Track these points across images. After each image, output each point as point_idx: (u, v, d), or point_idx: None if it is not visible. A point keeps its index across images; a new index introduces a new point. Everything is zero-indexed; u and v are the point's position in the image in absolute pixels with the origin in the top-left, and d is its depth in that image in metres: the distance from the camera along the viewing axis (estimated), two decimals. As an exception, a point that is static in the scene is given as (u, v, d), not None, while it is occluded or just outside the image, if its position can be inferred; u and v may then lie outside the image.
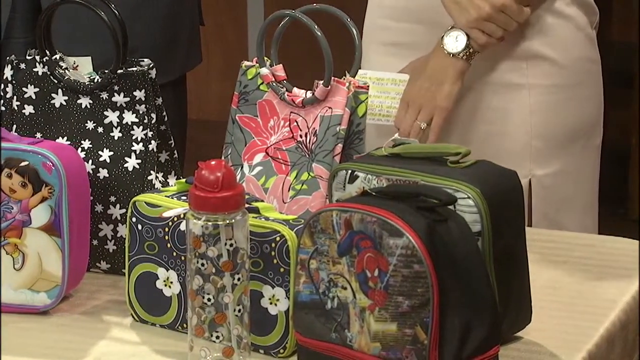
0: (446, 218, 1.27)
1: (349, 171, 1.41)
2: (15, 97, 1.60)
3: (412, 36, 1.79)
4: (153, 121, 1.57)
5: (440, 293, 1.24)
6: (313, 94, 1.54)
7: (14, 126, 1.59)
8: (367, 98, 1.52)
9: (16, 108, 1.60)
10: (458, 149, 1.36)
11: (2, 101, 1.60)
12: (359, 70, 1.54)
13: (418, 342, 1.24)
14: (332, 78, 1.52)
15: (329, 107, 1.52)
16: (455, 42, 1.72)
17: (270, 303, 1.37)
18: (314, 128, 1.53)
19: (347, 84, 1.52)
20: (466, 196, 1.32)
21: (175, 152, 1.61)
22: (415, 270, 1.24)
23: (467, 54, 1.72)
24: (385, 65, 1.77)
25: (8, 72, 1.59)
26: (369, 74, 1.71)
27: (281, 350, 1.37)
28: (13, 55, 1.60)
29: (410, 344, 1.24)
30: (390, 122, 1.74)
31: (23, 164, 1.45)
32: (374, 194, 1.30)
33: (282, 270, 1.36)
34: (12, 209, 1.45)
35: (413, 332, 1.24)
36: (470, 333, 1.25)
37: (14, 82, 1.59)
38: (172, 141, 1.61)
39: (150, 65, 1.57)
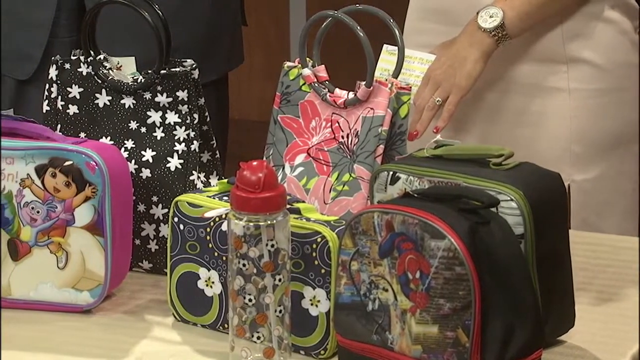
0: (488, 220, 1.25)
1: (391, 172, 1.39)
2: (60, 97, 1.59)
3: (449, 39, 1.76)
4: (195, 121, 1.55)
5: (482, 296, 1.21)
6: (355, 94, 1.52)
7: (59, 126, 1.58)
8: (409, 99, 1.50)
9: (61, 108, 1.59)
10: (501, 151, 1.34)
11: (47, 101, 1.59)
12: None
13: (460, 345, 1.22)
14: (375, 79, 1.50)
15: (371, 108, 1.50)
16: (490, 17, 1.68)
17: (311, 304, 1.35)
18: (356, 129, 1.51)
19: (389, 85, 1.49)
20: (509, 198, 1.29)
21: (217, 152, 1.60)
22: (457, 272, 1.21)
23: (499, 34, 1.68)
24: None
25: (53, 72, 1.59)
26: (417, 54, 1.68)
27: (322, 352, 1.35)
28: (58, 56, 1.59)
29: (451, 346, 1.22)
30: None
31: (67, 163, 1.44)
32: (415, 195, 1.28)
33: (323, 271, 1.34)
34: (56, 208, 1.44)
35: (455, 335, 1.22)
36: (513, 336, 1.22)
37: (58, 82, 1.59)
38: (214, 141, 1.59)
39: (193, 66, 1.56)
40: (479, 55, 1.69)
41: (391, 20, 1.50)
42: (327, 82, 1.55)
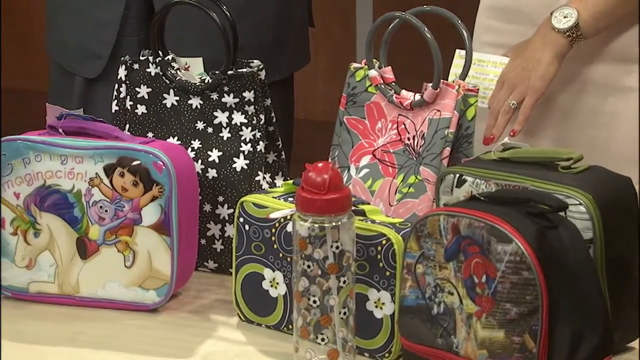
0: (557, 224, 1.22)
1: (457, 175, 1.36)
2: (128, 97, 1.58)
3: (521, 38, 1.73)
4: (261, 122, 1.54)
5: (550, 301, 1.18)
6: (422, 96, 1.49)
7: (127, 125, 1.58)
8: (476, 101, 1.47)
9: (129, 108, 1.58)
10: (570, 154, 1.30)
11: (116, 101, 1.59)
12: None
13: (526, 350, 1.19)
14: (442, 81, 1.47)
15: (438, 110, 1.48)
16: (564, 18, 1.65)
17: (376, 306, 1.33)
18: (422, 131, 1.49)
19: (457, 87, 1.47)
20: (578, 202, 1.26)
21: (283, 153, 1.58)
22: (524, 277, 1.19)
23: (573, 35, 1.65)
24: None
25: (122, 72, 1.58)
26: (488, 57, 1.65)
27: (386, 354, 1.33)
28: (127, 56, 1.59)
29: (518, 352, 1.19)
30: (485, 104, 1.68)
31: (135, 163, 1.43)
32: (482, 198, 1.26)
33: (387, 273, 1.32)
34: (124, 207, 1.44)
35: (521, 340, 1.19)
36: (581, 342, 1.19)
37: (127, 82, 1.58)
38: (280, 142, 1.58)
39: (260, 67, 1.54)
40: (553, 56, 1.65)
41: (459, 22, 1.48)
42: (393, 83, 1.53)
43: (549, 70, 1.64)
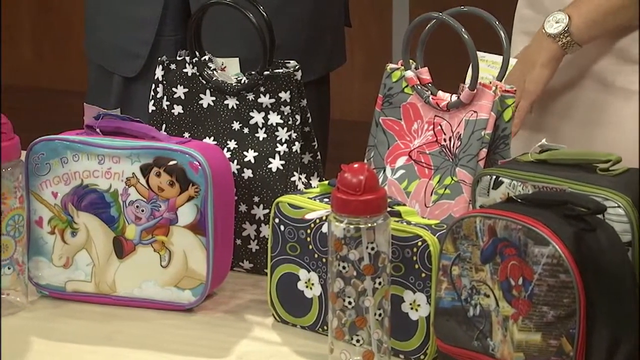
0: (594, 227, 1.20)
1: (494, 177, 1.35)
2: (165, 97, 1.58)
3: None
4: (297, 122, 1.54)
5: (588, 304, 1.16)
6: (458, 97, 1.48)
7: (164, 125, 1.58)
8: (513, 102, 1.46)
9: (166, 108, 1.58)
10: (608, 156, 1.29)
11: (153, 101, 1.59)
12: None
13: (563, 353, 1.17)
14: (478, 82, 1.46)
15: (474, 111, 1.46)
16: (556, 23, 1.64)
17: (411, 308, 1.32)
18: (459, 132, 1.47)
19: (494, 88, 1.45)
20: (616, 205, 1.24)
21: (318, 153, 1.58)
22: (562, 280, 1.17)
23: (564, 40, 1.63)
24: None
25: (159, 73, 1.58)
26: (486, 57, 1.64)
27: (422, 357, 1.32)
28: (165, 56, 1.59)
29: (555, 355, 1.18)
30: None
31: (171, 163, 1.43)
32: (519, 200, 1.24)
33: (423, 275, 1.31)
34: (160, 207, 1.44)
35: (558, 344, 1.18)
36: (620, 346, 1.17)
37: (164, 82, 1.58)
38: (316, 143, 1.57)
39: (296, 67, 1.54)
40: (546, 60, 1.65)
41: (497, 22, 1.46)
42: (430, 84, 1.51)
43: (542, 74, 1.64)
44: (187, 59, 1.57)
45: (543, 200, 1.23)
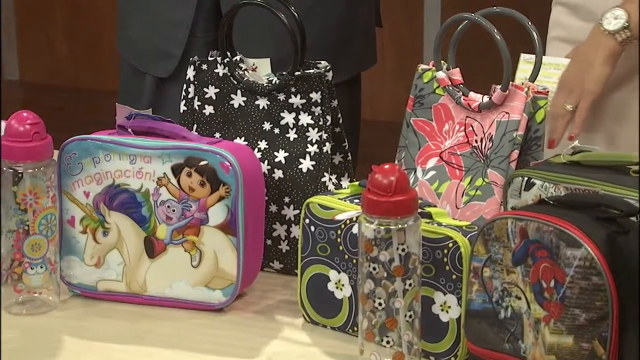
0: (627, 230, 1.18)
1: (526, 178, 1.33)
2: (196, 97, 1.58)
3: (586, 35, 1.70)
4: (328, 123, 1.53)
5: (620, 307, 1.15)
6: (490, 98, 1.47)
7: (195, 126, 1.58)
8: (546, 104, 1.44)
9: (197, 108, 1.58)
10: (642, 158, 1.27)
11: (184, 101, 1.59)
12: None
13: (596, 356, 1.16)
14: (510, 83, 1.45)
15: (506, 112, 1.45)
16: (615, 19, 1.62)
17: (442, 310, 1.31)
18: (490, 133, 1.46)
19: (526, 89, 1.44)
20: (650, 207, 1.22)
21: (349, 154, 1.57)
22: (594, 282, 1.16)
23: (623, 37, 1.61)
24: None
25: (191, 73, 1.58)
26: (534, 58, 1.63)
27: (452, 359, 1.30)
28: (196, 56, 1.59)
29: (587, 358, 1.16)
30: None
31: (202, 163, 1.43)
32: (551, 202, 1.23)
33: (454, 277, 1.29)
34: (191, 207, 1.44)
35: (590, 347, 1.16)
36: (652, 350, 1.16)
37: (196, 82, 1.58)
38: (346, 143, 1.56)
39: (327, 68, 1.53)
40: (604, 58, 1.62)
41: (529, 23, 1.45)
42: (461, 85, 1.50)
43: (602, 72, 1.62)
44: (219, 59, 1.56)
45: (575, 202, 1.22)
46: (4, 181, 1.42)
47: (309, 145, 1.52)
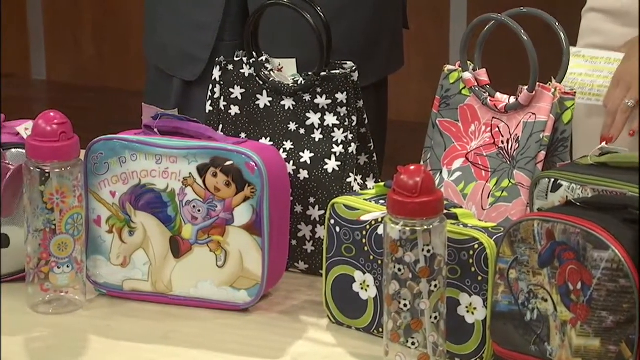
0: (655, 232, 1.17)
1: (552, 179, 1.32)
2: (222, 97, 1.58)
3: (626, 40, 1.68)
4: (354, 124, 1.52)
5: (648, 310, 1.14)
6: (516, 99, 1.45)
7: (221, 126, 1.58)
8: (573, 105, 1.43)
9: (223, 108, 1.58)
10: (670, 160, 1.26)
11: (210, 101, 1.59)
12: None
13: (623, 359, 1.15)
14: (537, 84, 1.44)
15: (533, 113, 1.44)
16: None
17: (467, 311, 1.30)
18: (516, 134, 1.45)
19: (553, 90, 1.43)
20: (677, 209, 1.21)
21: (375, 155, 1.56)
22: (622, 285, 1.14)
23: None
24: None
25: (216, 73, 1.58)
26: (583, 52, 1.61)
27: (478, 360, 1.30)
28: (222, 57, 1.59)
29: (614, 361, 1.15)
30: (600, 101, 1.63)
31: (228, 163, 1.43)
32: (578, 204, 1.22)
33: (480, 278, 1.28)
34: (216, 207, 1.43)
35: (617, 349, 1.15)
36: (680, 353, 1.15)
37: (221, 82, 1.58)
38: (372, 144, 1.56)
39: (353, 68, 1.52)
40: None
41: (557, 24, 1.44)
42: (487, 86, 1.49)
43: None
44: (245, 59, 1.56)
45: (602, 203, 1.21)
46: (32, 181, 1.42)
47: (334, 145, 1.52)
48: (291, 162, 1.53)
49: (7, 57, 4.77)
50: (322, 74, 1.51)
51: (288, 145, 1.54)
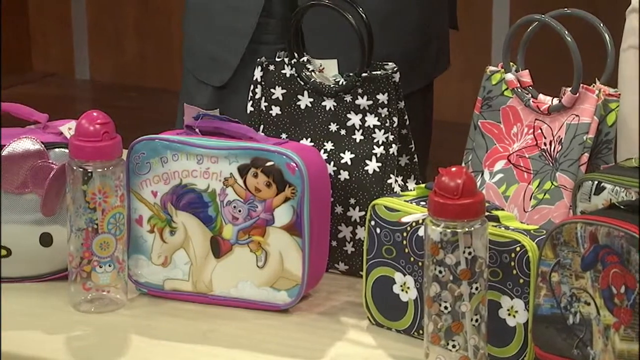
0: (700, 236, 1.15)
1: (596, 182, 1.30)
2: (263, 98, 1.57)
3: None
4: (395, 125, 1.51)
5: (692, 315, 1.12)
6: (560, 101, 1.44)
7: (261, 126, 1.57)
8: (617, 106, 1.41)
9: (264, 109, 1.57)
10: None
11: (251, 102, 1.58)
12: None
13: (666, 365, 1.13)
14: (581, 85, 1.42)
15: (576, 115, 1.42)
16: None
17: (509, 314, 1.28)
18: (559, 136, 1.43)
19: (597, 92, 1.41)
20: None
21: (415, 156, 1.55)
22: (666, 289, 1.13)
23: None
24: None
25: (258, 74, 1.57)
26: None
27: (519, 364, 1.28)
28: (263, 57, 1.58)
29: (657, 367, 1.13)
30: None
31: (268, 164, 1.42)
32: (622, 207, 1.20)
33: (521, 281, 1.27)
34: (257, 207, 1.43)
35: (661, 355, 1.13)
36: None
37: (263, 83, 1.57)
38: (413, 145, 1.54)
39: (394, 69, 1.51)
40: None
41: (601, 25, 1.42)
42: (530, 87, 1.48)
43: None
44: (286, 60, 1.56)
45: (647, 207, 1.19)
46: (74, 180, 1.43)
47: (375, 146, 1.51)
48: (332, 163, 1.52)
49: (52, 57, 4.80)
50: (363, 74, 1.50)
51: (329, 146, 1.53)
